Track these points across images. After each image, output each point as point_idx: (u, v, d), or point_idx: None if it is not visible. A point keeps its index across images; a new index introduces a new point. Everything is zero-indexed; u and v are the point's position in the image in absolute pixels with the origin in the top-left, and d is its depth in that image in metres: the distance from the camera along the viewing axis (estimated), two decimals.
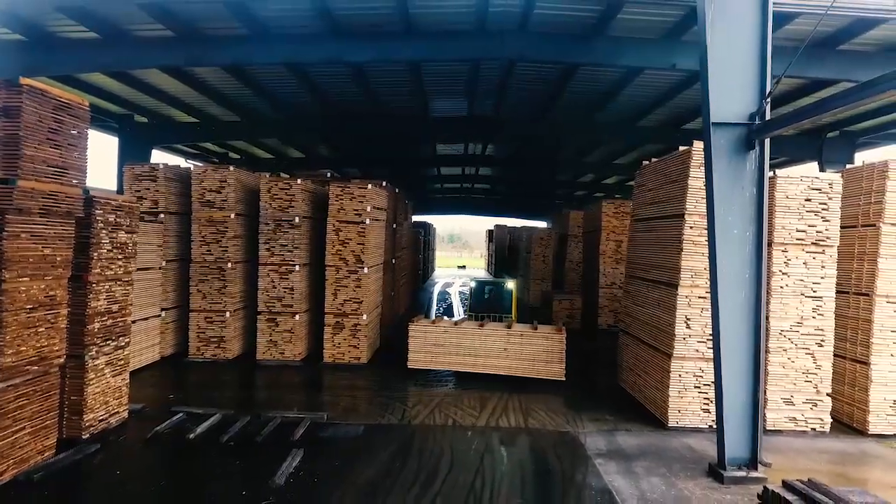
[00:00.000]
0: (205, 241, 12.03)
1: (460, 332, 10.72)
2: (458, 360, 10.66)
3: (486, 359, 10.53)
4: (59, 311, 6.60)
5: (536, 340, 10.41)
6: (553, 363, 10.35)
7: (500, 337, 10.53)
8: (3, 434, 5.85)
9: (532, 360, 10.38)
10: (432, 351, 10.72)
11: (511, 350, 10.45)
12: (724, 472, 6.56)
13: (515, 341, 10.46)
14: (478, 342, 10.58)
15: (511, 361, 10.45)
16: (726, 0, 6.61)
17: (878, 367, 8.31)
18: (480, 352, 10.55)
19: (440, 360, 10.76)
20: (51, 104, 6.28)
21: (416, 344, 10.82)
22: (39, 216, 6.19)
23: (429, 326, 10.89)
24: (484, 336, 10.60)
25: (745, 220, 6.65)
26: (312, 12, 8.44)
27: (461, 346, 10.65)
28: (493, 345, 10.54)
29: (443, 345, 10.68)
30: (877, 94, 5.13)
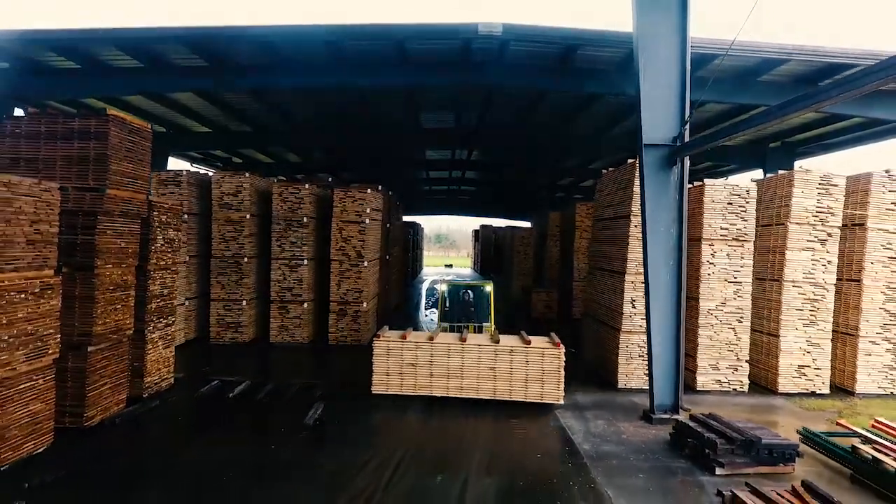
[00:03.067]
0: (223, 239, 13.71)
1: (437, 349, 8.97)
2: (435, 382, 9.00)
3: (468, 380, 8.94)
4: (130, 292, 8.30)
5: (530, 357, 8.82)
6: (549, 383, 8.81)
7: (485, 353, 8.92)
8: (94, 387, 7.55)
9: (524, 381, 8.81)
10: (402, 372, 9.03)
11: (500, 369, 8.86)
12: (654, 415, 8.45)
13: (504, 358, 8.85)
14: (458, 360, 8.95)
15: (499, 383, 8.86)
16: (653, 50, 8.49)
17: (785, 339, 10.26)
18: (462, 372, 8.95)
19: (412, 382, 9.03)
20: (127, 128, 7.99)
21: (382, 363, 9.06)
22: (119, 217, 7.90)
23: (397, 342, 9.10)
24: (466, 352, 8.95)
25: (670, 220, 8.54)
26: (326, 48, 10.20)
27: (438, 365, 8.97)
28: (478, 363, 8.91)
29: (415, 364, 8.99)
30: (755, 126, 7.04)
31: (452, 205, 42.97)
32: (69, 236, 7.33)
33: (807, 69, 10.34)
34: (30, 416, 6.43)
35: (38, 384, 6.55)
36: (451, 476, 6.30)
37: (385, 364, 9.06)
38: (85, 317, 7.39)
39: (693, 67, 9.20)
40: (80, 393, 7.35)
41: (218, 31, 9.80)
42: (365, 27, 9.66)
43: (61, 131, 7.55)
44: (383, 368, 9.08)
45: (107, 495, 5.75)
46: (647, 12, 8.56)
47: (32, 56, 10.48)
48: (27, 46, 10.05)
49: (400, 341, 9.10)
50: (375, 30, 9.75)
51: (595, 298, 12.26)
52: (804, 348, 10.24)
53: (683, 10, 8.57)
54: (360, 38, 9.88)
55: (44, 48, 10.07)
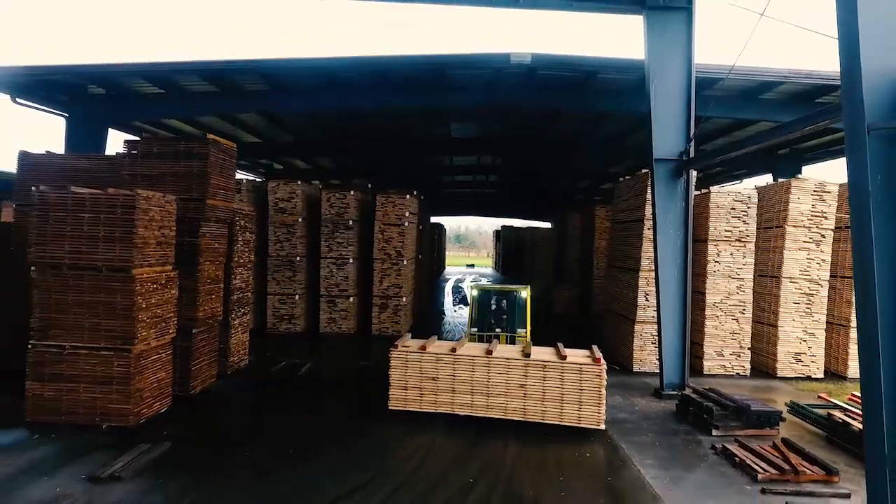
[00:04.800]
0: (278, 240, 15.36)
1: (460, 362, 8.10)
2: (457, 399, 8.13)
3: (495, 398, 8.02)
4: (220, 285, 9.94)
5: (566, 374, 7.78)
6: (588, 405, 7.70)
7: (514, 368, 7.95)
8: (196, 363, 9.18)
9: (559, 401, 7.80)
10: (422, 386, 8.20)
11: (531, 386, 7.90)
12: (663, 392, 9.82)
13: (536, 374, 7.88)
14: (484, 375, 8.03)
15: (530, 402, 7.90)
16: (662, 76, 9.85)
17: (783, 329, 11.52)
18: (487, 388, 8.05)
19: (432, 398, 8.19)
20: (221, 148, 9.62)
21: (400, 376, 8.28)
22: (214, 222, 9.53)
23: (416, 353, 8.27)
24: (493, 367, 8.02)
25: (677, 224, 9.89)
26: (373, 76, 11.77)
27: (461, 380, 8.09)
28: (506, 379, 7.98)
29: (436, 378, 8.15)
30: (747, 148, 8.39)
31: (474, 206, 44.37)
32: (178, 238, 8.96)
33: (804, 88, 11.58)
34: (157, 382, 8.07)
35: (162, 357, 8.19)
36: (493, 436, 7.74)
37: (403, 377, 8.22)
38: (190, 305, 9.03)
39: (700, 88, 10.58)
40: (186, 367, 8.98)
41: (286, 63, 11.41)
42: (413, 57, 11.21)
43: (170, 152, 9.20)
44: (401, 382, 8.23)
45: (223, 444, 7.34)
46: (657, 43, 9.92)
47: (125, 84, 12.21)
48: (124, 76, 11.77)
49: (419, 352, 8.21)
50: (420, 59, 11.29)
51: (613, 293, 13.62)
52: (800, 337, 11.49)
53: (689, 40, 9.91)
54: (407, 67, 11.42)
55: (137, 77, 11.78)
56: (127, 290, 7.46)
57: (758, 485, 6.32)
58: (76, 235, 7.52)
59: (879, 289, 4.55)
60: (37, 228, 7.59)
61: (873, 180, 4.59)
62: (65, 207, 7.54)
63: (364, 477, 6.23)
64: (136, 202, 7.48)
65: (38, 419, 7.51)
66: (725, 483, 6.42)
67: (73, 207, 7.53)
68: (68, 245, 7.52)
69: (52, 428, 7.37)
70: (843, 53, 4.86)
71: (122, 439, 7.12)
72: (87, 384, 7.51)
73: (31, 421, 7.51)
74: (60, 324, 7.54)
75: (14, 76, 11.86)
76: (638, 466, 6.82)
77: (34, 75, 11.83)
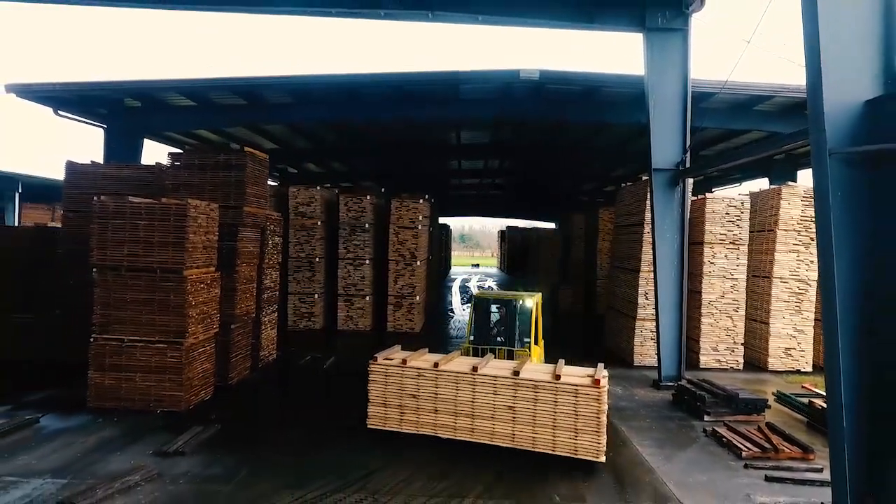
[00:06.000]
0: (298, 242, 16.25)
1: (443, 379, 7.31)
2: (440, 420, 7.32)
3: (481, 420, 7.16)
4: (254, 285, 10.84)
5: (560, 396, 6.83)
6: (585, 433, 6.73)
7: (502, 388, 7.07)
8: (234, 355, 10.08)
9: (551, 427, 6.87)
10: (402, 404, 7.46)
11: (520, 409, 6.99)
12: (661, 383, 10.65)
13: (526, 395, 6.96)
14: (468, 395, 7.21)
15: (519, 427, 7.00)
16: (661, 90, 10.67)
17: (774, 326, 12.34)
18: (472, 410, 7.20)
19: (413, 418, 7.43)
20: (256, 159, 10.52)
21: (379, 392, 7.57)
22: (250, 227, 10.43)
23: (396, 367, 7.51)
24: (478, 385, 7.17)
25: (674, 229, 10.72)
26: (392, 89, 12.64)
27: (444, 399, 7.28)
28: (493, 400, 7.11)
29: (417, 396, 7.40)
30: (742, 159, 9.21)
31: (479, 207, 45.19)
32: (219, 243, 9.85)
33: (794, 100, 12.39)
34: (203, 372, 8.97)
35: (207, 350, 9.09)
36: None
37: (382, 393, 7.52)
38: (229, 303, 9.92)
39: (697, 101, 11.39)
40: (225, 360, 9.86)
41: (310, 78, 12.33)
42: (428, 73, 12.13)
43: (211, 163, 10.09)
44: (380, 399, 7.54)
45: (265, 426, 8.22)
46: (655, 61, 10.73)
47: (160, 97, 13.12)
48: (160, 91, 12.68)
49: (399, 367, 7.46)
50: (435, 75, 12.17)
51: (614, 292, 14.45)
52: (790, 334, 12.31)
53: (685, 59, 10.72)
54: (423, 82, 12.29)
55: (172, 91, 12.69)
56: (179, 289, 8.35)
57: (742, 461, 7.16)
58: (133, 240, 8.41)
59: (838, 285, 5.38)
60: (98, 234, 8.48)
61: (834, 196, 5.42)
62: (123, 215, 8.43)
63: (386, 458, 7.07)
64: (187, 210, 8.37)
65: (99, 405, 8.41)
66: (713, 460, 7.27)
67: (131, 215, 8.43)
68: (126, 249, 8.42)
69: (112, 413, 8.27)
70: (808, 87, 5.69)
71: (176, 422, 8.00)
72: (143, 373, 8.41)
73: (92, 407, 8.41)
74: (119, 319, 8.44)
75: (56, 91, 12.78)
76: (636, 446, 7.67)
77: (75, 90, 12.76)
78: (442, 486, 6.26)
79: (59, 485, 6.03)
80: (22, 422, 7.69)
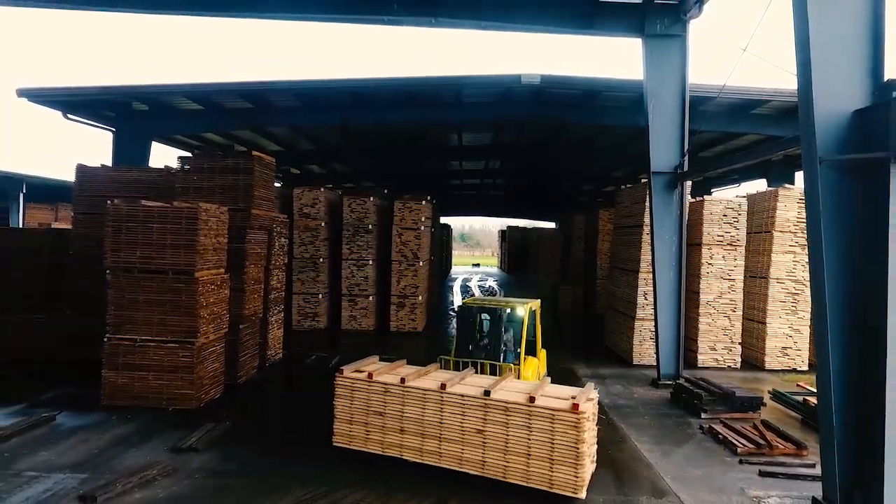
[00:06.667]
0: (303, 243, 16.48)
1: (410, 396, 6.65)
2: (407, 441, 6.67)
3: (449, 444, 6.42)
4: (261, 285, 11.07)
5: (534, 420, 6.02)
6: (562, 464, 5.89)
7: (472, 408, 6.33)
8: (242, 355, 10.32)
9: (525, 455, 6.05)
10: (368, 422, 6.88)
11: (491, 433, 6.22)
12: (659, 381, 10.89)
13: (497, 418, 6.19)
14: (436, 415, 6.51)
15: (490, 453, 6.22)
16: (659, 95, 10.88)
17: (771, 326, 12.57)
18: (440, 432, 6.48)
19: (379, 438, 6.82)
20: (263, 163, 10.76)
21: (345, 408, 7.03)
22: (257, 230, 10.66)
23: (362, 382, 6.92)
24: (446, 404, 6.45)
25: (672, 231, 10.95)
26: (399, 94, 12.87)
27: (411, 418, 6.64)
28: (462, 421, 6.37)
29: (384, 413, 6.78)
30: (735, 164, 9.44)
31: (480, 206, 45.41)
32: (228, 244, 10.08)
33: (789, 105, 12.60)
34: (214, 371, 9.21)
35: (217, 350, 9.32)
36: None
37: (348, 409, 6.99)
38: (238, 303, 10.15)
39: (695, 105, 11.62)
40: (233, 359, 10.10)
41: (316, 83, 12.53)
42: (432, 78, 12.37)
43: (219, 167, 10.33)
44: (346, 415, 7.01)
45: (276, 424, 8.46)
46: (654, 67, 10.95)
47: (167, 101, 13.36)
48: (168, 95, 12.91)
49: (366, 381, 6.87)
50: (439, 80, 12.41)
51: (614, 292, 14.69)
52: (787, 333, 12.54)
53: (683, 64, 10.94)
54: (427, 86, 12.53)
55: (180, 96, 12.92)
56: (190, 290, 8.59)
57: (737, 457, 7.40)
58: (146, 243, 8.65)
59: (828, 287, 5.62)
60: (111, 237, 8.71)
61: (824, 201, 5.66)
62: (136, 218, 8.67)
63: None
64: (198, 214, 8.60)
65: (113, 403, 8.65)
66: (709, 455, 7.51)
67: (143, 218, 8.66)
68: (139, 251, 8.65)
69: (126, 410, 8.51)
70: (800, 96, 5.93)
71: (188, 420, 8.24)
72: (155, 372, 8.65)
73: (106, 405, 8.65)
74: (132, 320, 8.67)
75: (66, 96, 13.04)
76: (635, 442, 7.91)
77: (85, 95, 13.00)
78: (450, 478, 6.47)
79: (79, 479, 6.26)
80: (39, 419, 7.93)
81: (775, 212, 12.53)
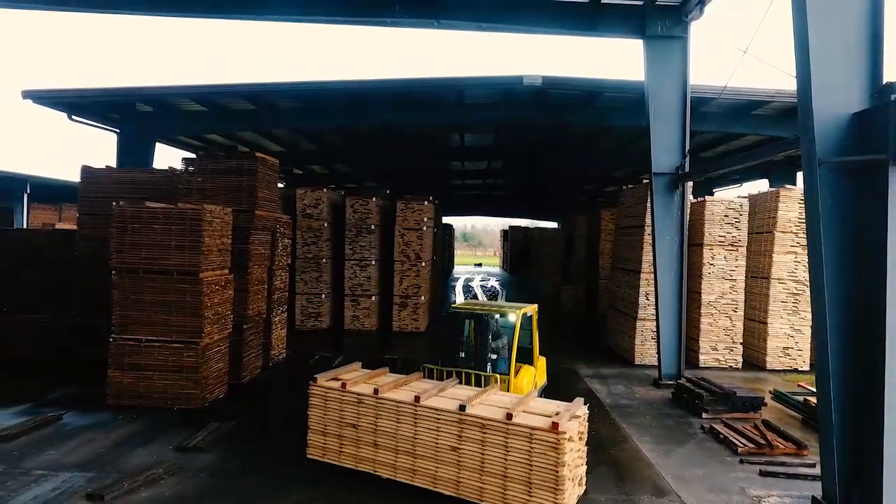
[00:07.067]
0: (306, 243, 16.55)
1: (383, 409, 6.24)
2: (380, 456, 6.26)
3: (423, 461, 5.99)
4: (264, 286, 11.15)
5: (511, 439, 5.52)
6: (541, 489, 5.37)
7: (446, 424, 5.85)
8: (246, 355, 10.40)
9: (501, 477, 5.56)
10: (342, 434, 6.51)
11: (466, 452, 5.74)
12: (661, 381, 10.94)
13: (472, 436, 5.71)
14: (410, 430, 6.07)
15: (465, 473, 5.76)
16: (660, 96, 10.91)
17: (772, 326, 12.61)
18: (414, 448, 6.04)
19: (353, 451, 6.44)
20: (267, 164, 10.83)
21: (318, 418, 6.69)
22: (261, 230, 10.73)
23: (335, 391, 6.58)
24: (420, 419, 6.01)
25: (673, 231, 10.99)
26: (401, 96, 12.93)
27: (384, 432, 6.22)
28: (436, 437, 5.91)
29: (357, 426, 6.39)
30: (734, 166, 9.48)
31: (481, 206, 45.44)
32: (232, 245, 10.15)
33: (790, 105, 12.62)
34: (218, 371, 9.28)
35: (222, 350, 9.40)
36: None
37: (322, 420, 6.65)
38: (241, 304, 10.23)
39: (696, 106, 11.66)
40: (237, 359, 10.17)
41: (319, 84, 12.61)
42: (433, 80, 12.40)
43: (223, 168, 10.40)
44: (320, 426, 6.66)
45: (280, 423, 8.53)
46: (655, 68, 10.99)
47: (172, 103, 13.45)
48: (172, 97, 13.00)
49: (339, 391, 6.52)
50: (440, 81, 12.47)
51: (616, 293, 14.73)
52: (788, 333, 12.58)
53: (684, 66, 10.97)
54: (428, 88, 12.59)
55: (184, 97, 13.01)
56: (195, 291, 8.66)
57: (737, 457, 7.45)
58: (151, 244, 8.72)
59: (827, 288, 5.67)
60: (116, 238, 8.79)
61: (823, 203, 5.71)
62: (141, 220, 8.74)
63: None
64: (202, 215, 8.67)
65: (119, 403, 8.73)
66: (710, 455, 7.56)
67: (148, 219, 8.74)
68: (144, 252, 8.73)
69: (131, 410, 8.59)
70: (799, 98, 5.98)
71: (193, 419, 8.31)
72: (160, 372, 8.72)
73: (112, 404, 8.73)
74: (137, 320, 8.75)
75: (70, 97, 13.12)
76: (636, 442, 7.96)
77: (89, 96, 13.09)
78: None
79: (86, 478, 6.34)
80: (46, 418, 8.01)
81: (777, 212, 12.57)
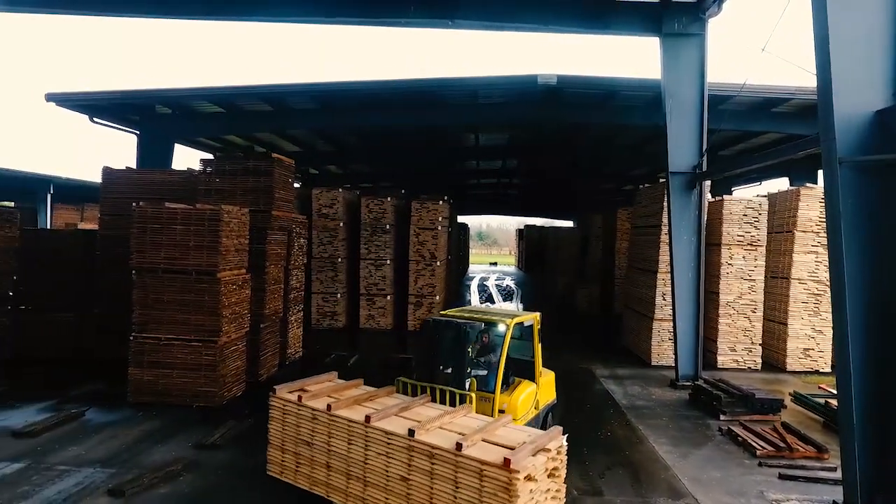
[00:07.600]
0: (321, 243, 16.68)
1: (335, 427, 5.56)
2: (333, 479, 5.58)
3: (373, 489, 5.23)
4: (281, 285, 11.26)
5: (460, 475, 4.65)
6: None
7: (396, 450, 5.09)
8: (263, 353, 10.51)
9: None
10: (298, 451, 5.88)
11: (416, 483, 4.93)
12: (678, 382, 10.83)
13: (422, 467, 4.90)
14: (360, 452, 5.34)
15: None
16: (677, 95, 10.79)
17: (792, 327, 12.41)
18: (364, 473, 5.31)
19: (307, 471, 5.79)
20: (283, 165, 10.94)
21: (277, 433, 6.11)
22: (277, 230, 10.84)
23: (292, 405, 5.96)
24: (370, 442, 5.28)
25: (691, 231, 10.88)
26: (416, 96, 12.97)
27: (336, 453, 5.55)
28: (385, 464, 5.15)
29: (311, 444, 5.77)
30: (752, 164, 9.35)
31: (497, 205, 45.46)
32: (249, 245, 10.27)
33: (811, 102, 12.40)
34: (236, 369, 9.40)
35: (239, 348, 9.52)
36: None
37: (280, 436, 6.06)
38: (258, 303, 10.34)
39: (714, 103, 11.52)
40: (255, 358, 10.29)
41: (335, 85, 12.70)
42: (448, 80, 12.42)
43: (240, 169, 10.53)
44: (278, 441, 6.08)
45: None
46: (672, 66, 10.88)
47: (190, 104, 13.64)
48: (191, 99, 13.19)
49: (295, 405, 5.91)
50: (456, 82, 12.49)
51: (632, 293, 14.62)
52: (808, 334, 12.36)
53: (702, 63, 10.85)
54: (444, 88, 12.60)
55: (202, 99, 13.19)
56: (213, 290, 8.78)
57: (756, 459, 7.35)
58: (170, 244, 8.86)
59: (849, 289, 5.58)
60: (137, 238, 8.95)
61: (844, 202, 5.62)
62: (160, 220, 8.89)
63: None
64: (220, 216, 8.79)
65: (139, 400, 8.89)
66: (728, 457, 7.47)
67: (168, 220, 8.88)
68: (163, 252, 8.87)
69: (151, 407, 8.74)
70: (820, 97, 5.88)
71: (212, 416, 8.44)
72: (180, 370, 8.86)
73: (132, 401, 8.89)
74: (157, 319, 8.90)
75: (92, 100, 13.37)
76: (653, 444, 7.90)
77: (110, 99, 13.32)
78: None
79: (108, 473, 6.47)
80: (69, 415, 8.19)
81: (797, 211, 12.36)
